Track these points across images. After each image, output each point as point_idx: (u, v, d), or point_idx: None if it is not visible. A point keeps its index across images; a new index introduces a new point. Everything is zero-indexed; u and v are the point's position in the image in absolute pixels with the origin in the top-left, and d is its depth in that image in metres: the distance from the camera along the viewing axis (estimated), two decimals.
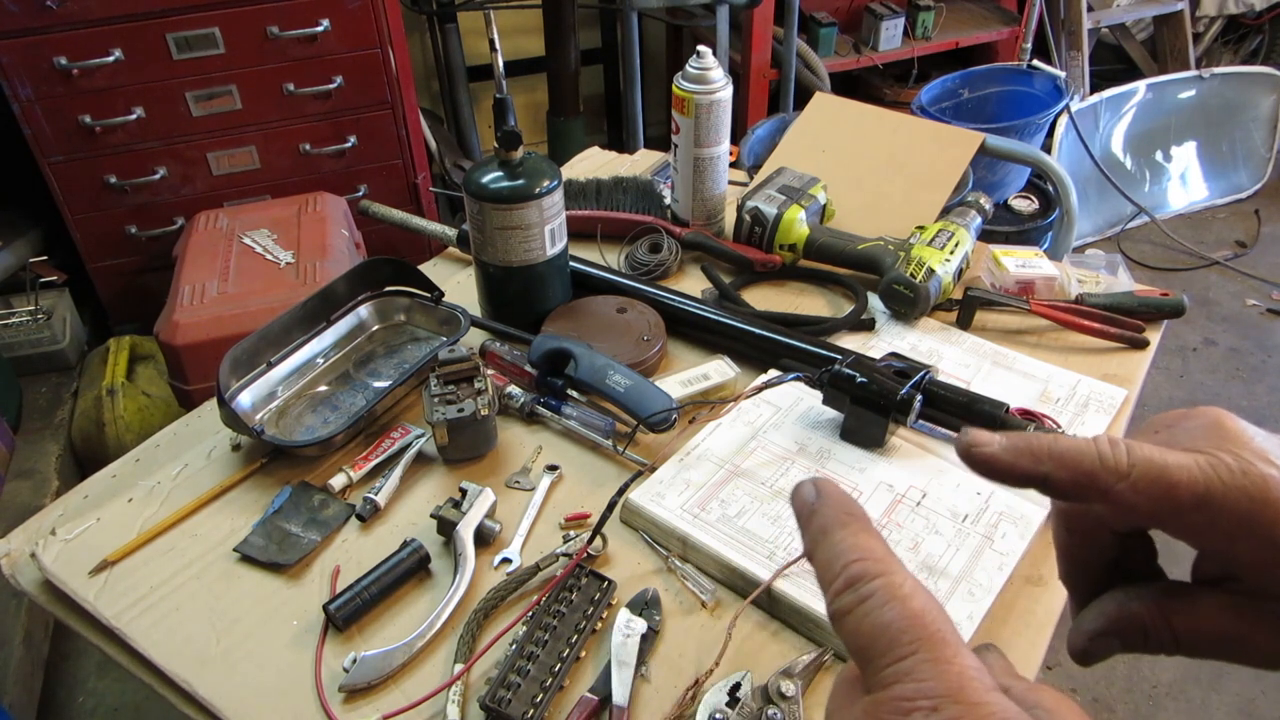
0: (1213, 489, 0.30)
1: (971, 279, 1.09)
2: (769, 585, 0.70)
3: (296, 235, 1.86)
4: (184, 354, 1.64)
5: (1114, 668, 1.78)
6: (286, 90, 2.08)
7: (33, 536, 0.80)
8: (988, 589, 0.70)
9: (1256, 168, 3.22)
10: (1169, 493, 0.30)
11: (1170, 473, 0.30)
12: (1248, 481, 0.29)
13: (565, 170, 1.35)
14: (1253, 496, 0.29)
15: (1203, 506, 0.30)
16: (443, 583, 0.75)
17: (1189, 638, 0.33)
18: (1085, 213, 2.96)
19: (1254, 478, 0.29)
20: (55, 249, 2.28)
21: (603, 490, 0.82)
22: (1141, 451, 0.31)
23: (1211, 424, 0.32)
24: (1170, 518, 0.30)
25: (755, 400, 0.88)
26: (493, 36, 0.93)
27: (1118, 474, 0.30)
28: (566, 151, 1.93)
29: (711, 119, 1.09)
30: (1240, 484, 0.29)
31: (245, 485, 0.84)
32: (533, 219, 0.93)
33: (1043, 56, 2.99)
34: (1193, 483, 0.30)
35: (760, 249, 1.11)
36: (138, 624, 0.72)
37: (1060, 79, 2.59)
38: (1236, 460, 0.30)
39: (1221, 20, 3.45)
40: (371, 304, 1.02)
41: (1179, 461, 0.30)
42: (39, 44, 1.87)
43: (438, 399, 0.84)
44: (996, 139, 1.28)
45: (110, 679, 1.73)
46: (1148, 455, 0.30)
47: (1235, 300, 2.76)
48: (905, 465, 0.81)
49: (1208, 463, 0.30)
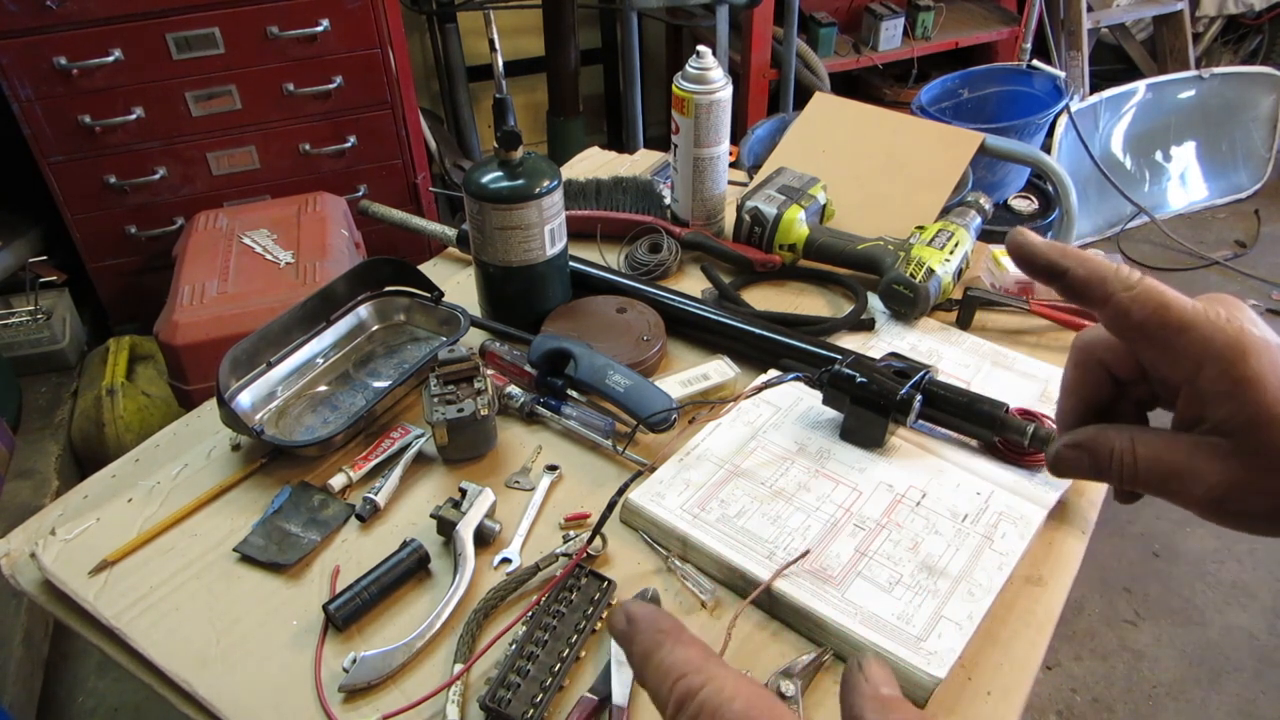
0: (1197, 320, 0.35)
1: (971, 279, 1.09)
2: (769, 585, 0.70)
3: (296, 235, 1.86)
4: (184, 354, 1.64)
5: (1114, 667, 1.78)
6: (286, 90, 2.08)
7: (33, 536, 0.80)
8: (987, 589, 0.70)
9: (1256, 168, 3.22)
10: (1160, 311, 0.36)
11: (1167, 298, 0.36)
12: (1228, 325, 0.35)
13: (565, 170, 1.35)
14: (1228, 335, 0.35)
15: (1185, 331, 0.36)
16: (442, 583, 0.75)
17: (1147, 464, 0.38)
18: (1085, 213, 2.96)
19: (1234, 325, 0.35)
20: (55, 249, 2.28)
21: (602, 490, 0.82)
22: (1151, 279, 0.37)
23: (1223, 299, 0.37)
24: (1158, 333, 0.36)
25: (755, 400, 0.88)
26: (493, 36, 0.93)
27: (1125, 285, 0.36)
28: (566, 151, 1.94)
29: (711, 119, 1.09)
30: (1220, 324, 0.35)
31: (245, 485, 0.84)
32: (533, 219, 0.93)
33: (1042, 56, 2.99)
34: (1182, 310, 0.36)
35: (760, 249, 1.11)
36: (137, 624, 0.72)
37: (1060, 79, 2.60)
38: (1226, 310, 0.36)
39: (1221, 20, 3.45)
40: (371, 304, 1.02)
41: (1176, 295, 0.36)
42: (39, 44, 1.87)
43: (438, 399, 0.84)
44: (996, 139, 1.28)
45: (110, 679, 1.73)
46: (1153, 282, 0.36)
47: None
48: (905, 465, 0.81)
49: (1200, 304, 0.36)
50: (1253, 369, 0.35)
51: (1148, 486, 0.38)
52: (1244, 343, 0.35)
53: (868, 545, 0.73)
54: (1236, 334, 0.35)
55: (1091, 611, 1.89)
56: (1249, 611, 1.88)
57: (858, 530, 0.74)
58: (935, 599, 0.69)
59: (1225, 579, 1.94)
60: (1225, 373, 0.35)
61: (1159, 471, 0.38)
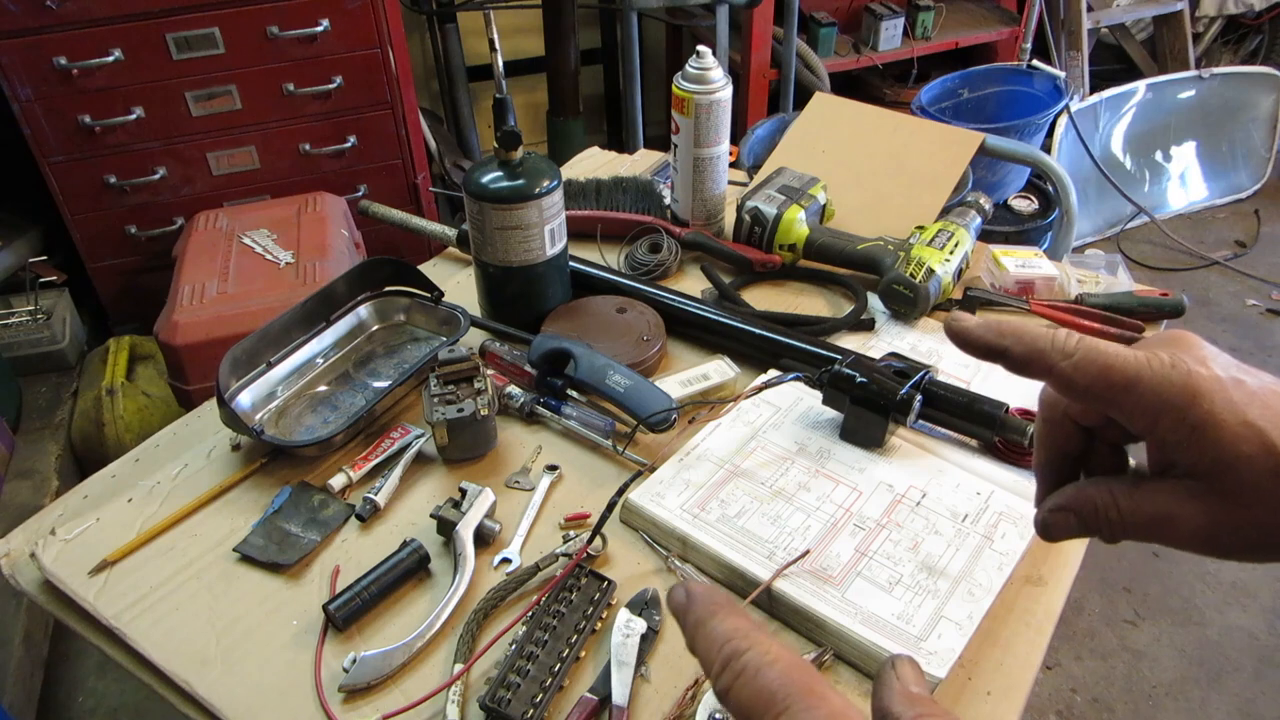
0: (1142, 374, 0.35)
1: (971, 279, 1.09)
2: (769, 585, 0.70)
3: (296, 235, 1.86)
4: (184, 354, 1.64)
5: (1114, 667, 1.78)
6: (286, 90, 2.08)
7: (33, 536, 0.80)
8: (987, 589, 0.70)
9: (1256, 168, 3.22)
10: (1104, 374, 0.36)
11: (1107, 358, 0.36)
12: (1174, 372, 0.35)
13: (565, 170, 1.35)
14: (1174, 382, 0.35)
15: (1131, 388, 0.35)
16: (442, 583, 0.75)
17: (1132, 515, 0.38)
18: (1085, 213, 2.96)
19: (1179, 370, 0.35)
20: (55, 249, 2.28)
21: (602, 490, 0.82)
22: (1089, 341, 0.37)
23: (1174, 338, 0.38)
24: (1105, 394, 0.36)
25: (755, 400, 0.88)
26: (492, 36, 0.93)
27: (1063, 354, 0.36)
28: (566, 151, 1.93)
29: (711, 119, 1.09)
30: (1166, 373, 0.35)
31: (245, 485, 0.84)
32: (532, 219, 0.93)
33: (1042, 56, 2.99)
34: (1125, 368, 0.35)
35: (760, 249, 1.11)
36: (137, 624, 0.72)
37: (1060, 79, 2.59)
38: (1170, 356, 0.36)
39: (1221, 20, 3.45)
40: (371, 304, 1.02)
41: (1118, 352, 0.36)
42: (39, 44, 1.87)
43: (437, 399, 0.84)
44: (996, 139, 1.28)
45: (110, 679, 1.73)
46: (1093, 343, 0.36)
47: (1235, 300, 2.76)
48: (905, 465, 0.81)
49: (1144, 356, 0.36)
50: (1205, 411, 0.34)
51: (1136, 536, 0.39)
52: (1193, 386, 0.35)
53: (868, 545, 0.73)
54: (1184, 379, 0.35)
55: (1091, 611, 1.89)
56: (1249, 611, 1.88)
57: (858, 530, 0.74)
58: (935, 599, 0.69)
59: (1225, 579, 1.94)
60: (1180, 421, 0.35)
61: (1143, 521, 0.38)
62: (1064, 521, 0.41)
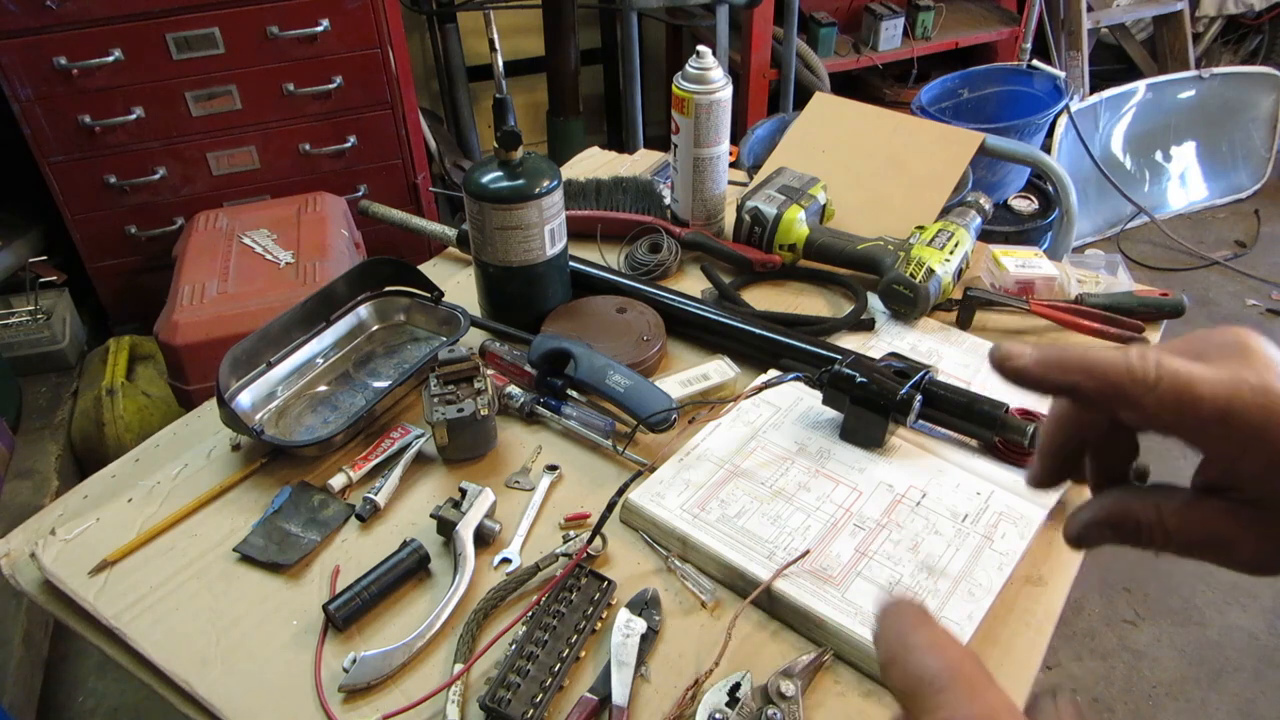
0: (1234, 404, 0.31)
1: (971, 279, 1.09)
2: (769, 585, 0.70)
3: (296, 235, 1.86)
4: (184, 354, 1.64)
5: (1114, 667, 1.78)
6: (286, 90, 2.08)
7: (32, 536, 0.80)
8: (987, 589, 0.70)
9: (1256, 168, 3.22)
10: (1193, 406, 0.31)
11: (1195, 387, 0.31)
12: (1266, 399, 0.31)
13: (565, 170, 1.35)
14: (1270, 412, 0.31)
15: (1224, 421, 0.31)
16: (442, 583, 0.75)
17: (1181, 535, 0.35)
18: (1085, 213, 2.96)
19: (1273, 395, 0.31)
20: (55, 249, 2.28)
21: (602, 490, 0.82)
22: (1170, 365, 0.31)
23: (1237, 342, 0.33)
24: (1191, 428, 0.32)
25: (755, 400, 0.88)
26: (492, 36, 0.93)
27: (1145, 386, 0.31)
28: (566, 151, 1.93)
29: (711, 119, 1.09)
30: (1260, 401, 0.31)
31: (245, 485, 0.84)
32: (532, 219, 0.93)
33: (1042, 56, 2.99)
34: (1215, 397, 0.31)
35: (760, 249, 1.11)
36: (137, 624, 0.72)
37: (1060, 79, 2.59)
38: (1259, 378, 0.31)
39: (1221, 20, 3.45)
40: (371, 304, 1.02)
41: (1204, 376, 0.31)
42: (39, 44, 1.87)
43: (437, 399, 0.84)
44: (996, 139, 1.28)
45: (110, 679, 1.73)
46: (1175, 369, 0.31)
47: (1235, 300, 2.76)
48: (905, 465, 0.81)
49: (1231, 379, 0.31)
50: None
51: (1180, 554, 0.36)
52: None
53: (868, 545, 0.73)
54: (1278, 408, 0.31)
55: (1091, 611, 1.89)
56: (1249, 611, 1.88)
57: (858, 530, 0.74)
58: (935, 599, 0.69)
59: (1225, 579, 1.93)
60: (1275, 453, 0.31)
61: (1194, 543, 0.35)
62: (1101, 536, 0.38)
